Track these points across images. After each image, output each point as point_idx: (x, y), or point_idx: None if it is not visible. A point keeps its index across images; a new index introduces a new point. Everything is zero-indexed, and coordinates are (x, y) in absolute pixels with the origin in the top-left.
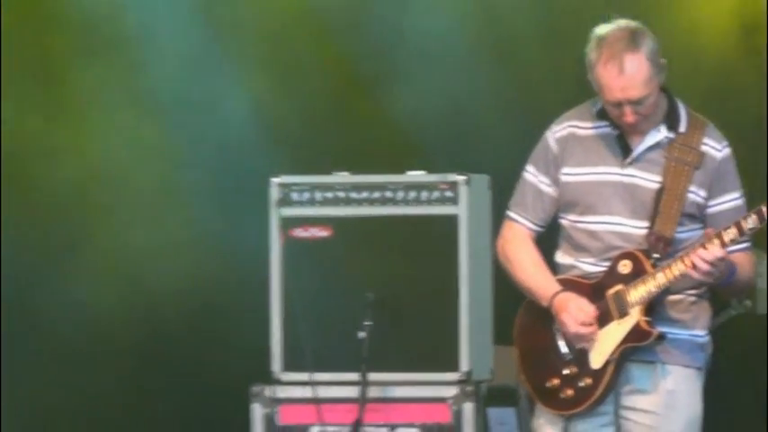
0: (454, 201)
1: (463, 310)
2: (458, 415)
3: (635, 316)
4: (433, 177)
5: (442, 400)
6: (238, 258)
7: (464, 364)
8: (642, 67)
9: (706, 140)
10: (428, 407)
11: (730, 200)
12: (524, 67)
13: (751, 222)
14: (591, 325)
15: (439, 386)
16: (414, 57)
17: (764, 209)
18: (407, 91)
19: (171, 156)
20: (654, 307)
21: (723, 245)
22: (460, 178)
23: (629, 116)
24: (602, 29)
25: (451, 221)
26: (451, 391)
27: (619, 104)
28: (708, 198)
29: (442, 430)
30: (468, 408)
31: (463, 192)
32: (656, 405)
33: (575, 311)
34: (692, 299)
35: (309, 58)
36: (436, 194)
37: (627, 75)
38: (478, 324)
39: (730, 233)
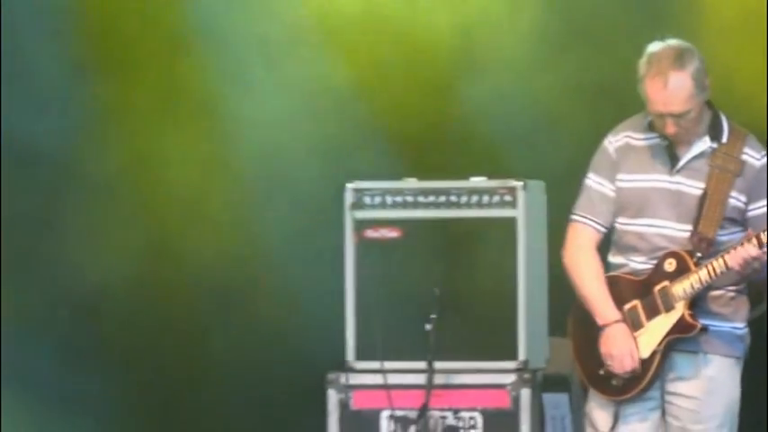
0: (513, 204)
1: (521, 305)
2: (516, 400)
3: (680, 310)
4: (494, 183)
5: (501, 386)
6: (313, 259)
7: (521, 354)
8: (685, 85)
9: (746, 150)
10: (488, 393)
11: (763, 204)
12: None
13: None
14: (632, 371)
15: (498, 374)
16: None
17: None
18: (474, 95)
19: (241, 171)
20: (697, 302)
21: (760, 245)
22: (518, 184)
23: (671, 128)
24: (654, 46)
25: (510, 223)
26: (510, 378)
27: (661, 116)
28: (747, 203)
29: (501, 415)
30: (526, 393)
31: (521, 196)
32: (698, 391)
33: (625, 358)
34: (732, 294)
35: (380, 62)
36: (496, 198)
37: (670, 90)
38: (535, 317)
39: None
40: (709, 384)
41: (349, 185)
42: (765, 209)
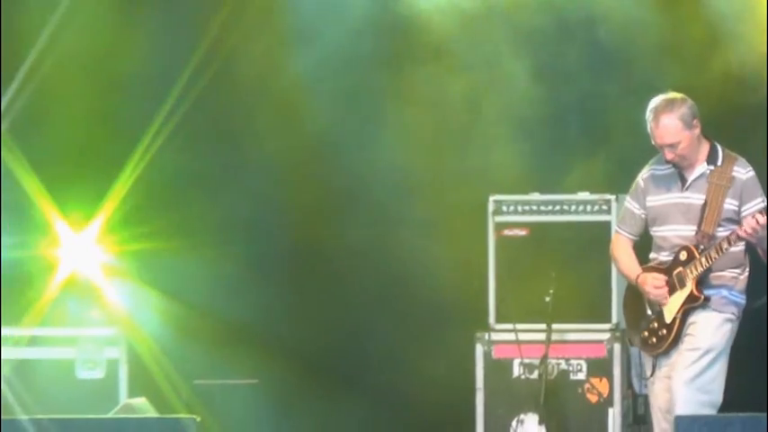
0: (608, 212)
1: (614, 283)
2: (610, 352)
3: (690, 287)
4: (594, 197)
5: (599, 341)
6: (464, 251)
7: (614, 318)
8: (672, 123)
9: (736, 169)
10: (590, 346)
11: (755, 204)
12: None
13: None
14: (662, 288)
15: (597, 332)
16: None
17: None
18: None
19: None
20: (703, 279)
21: (738, 238)
22: (611, 197)
23: (668, 155)
24: (654, 100)
25: (606, 225)
26: (606, 336)
27: (661, 147)
28: (740, 205)
29: (599, 362)
30: (617, 347)
31: (613, 206)
32: (695, 329)
33: (650, 281)
34: (733, 273)
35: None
36: (596, 208)
37: (661, 128)
38: (623, 288)
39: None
40: (701, 326)
41: (491, 197)
42: (753, 208)
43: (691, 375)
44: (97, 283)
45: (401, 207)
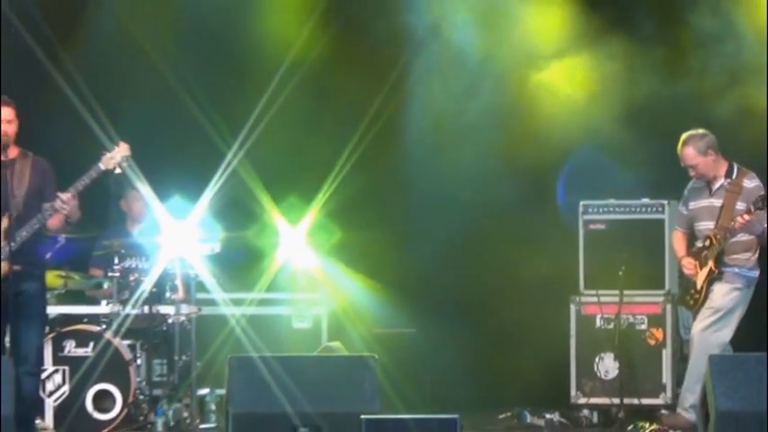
0: (662, 212)
1: (667, 261)
2: (664, 310)
3: (710, 264)
4: (652, 201)
5: (656, 302)
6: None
7: (666, 286)
8: (688, 153)
9: (745, 181)
10: (650, 306)
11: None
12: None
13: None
14: (692, 268)
15: (655, 296)
16: None
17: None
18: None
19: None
20: (720, 259)
21: (749, 213)
22: (665, 202)
23: (690, 172)
24: (684, 133)
25: (660, 222)
26: (660, 299)
27: (685, 167)
28: (747, 206)
29: (656, 317)
30: (669, 306)
31: (665, 208)
32: (712, 295)
33: (685, 263)
34: (746, 256)
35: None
36: (654, 209)
37: (682, 155)
38: (673, 265)
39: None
40: (718, 292)
41: (581, 202)
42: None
43: (702, 326)
44: (307, 262)
45: (523, 214)
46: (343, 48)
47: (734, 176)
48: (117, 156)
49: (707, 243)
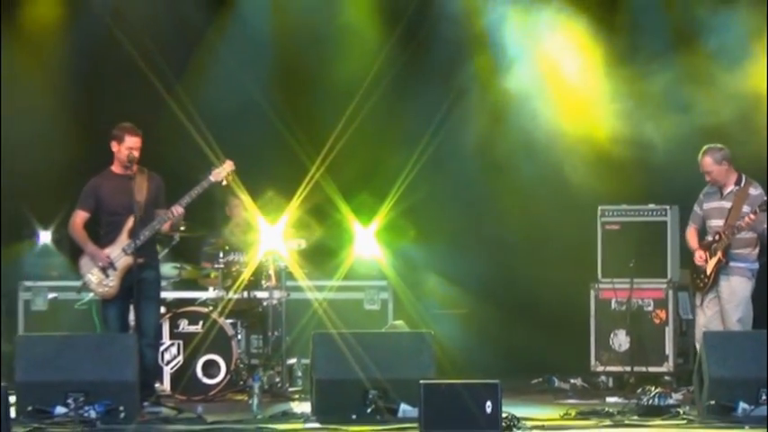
0: (666, 216)
1: (669, 255)
2: (666, 295)
3: (719, 255)
4: (658, 206)
5: (660, 289)
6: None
7: (669, 275)
8: (706, 161)
9: (750, 189)
10: (655, 291)
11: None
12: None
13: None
14: (702, 258)
15: (659, 284)
16: None
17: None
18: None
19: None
20: (727, 251)
21: (755, 214)
22: (668, 207)
23: (707, 177)
24: (705, 146)
25: (664, 223)
26: (664, 286)
27: (703, 173)
28: (751, 209)
29: (660, 301)
30: (671, 292)
31: (668, 212)
32: (728, 287)
33: (696, 254)
34: (747, 251)
35: None
36: (659, 213)
37: (701, 164)
38: (674, 259)
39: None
40: (731, 285)
41: (600, 206)
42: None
43: (735, 319)
44: (377, 254)
45: (549, 216)
46: (409, 74)
47: (742, 184)
48: (224, 170)
49: (716, 238)
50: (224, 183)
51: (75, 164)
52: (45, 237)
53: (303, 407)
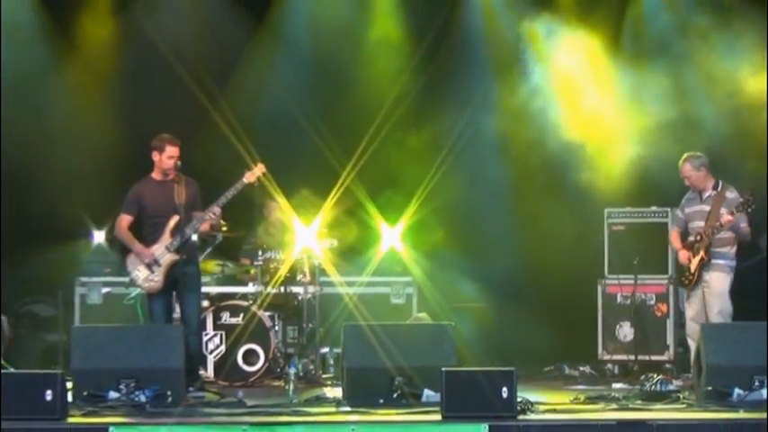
0: (666, 217)
1: (671, 252)
2: (667, 289)
3: (701, 254)
4: (659, 209)
5: (661, 284)
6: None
7: (669, 272)
8: (686, 168)
9: (727, 193)
10: (657, 287)
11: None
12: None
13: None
14: (686, 257)
15: (660, 279)
16: None
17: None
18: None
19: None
20: (709, 249)
21: (731, 215)
22: (668, 209)
23: (686, 182)
24: (685, 154)
25: (665, 225)
26: (665, 281)
27: (682, 178)
28: (727, 211)
29: (662, 295)
30: (671, 287)
31: (669, 214)
32: (711, 282)
33: (681, 254)
34: (726, 249)
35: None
36: (659, 215)
37: (681, 170)
38: (674, 256)
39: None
40: (712, 280)
41: (606, 209)
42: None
43: (716, 311)
44: (404, 254)
45: (571, 224)
46: (433, 88)
47: (719, 189)
48: (256, 173)
49: (698, 238)
50: (256, 184)
51: (127, 170)
52: (99, 236)
53: (335, 392)
